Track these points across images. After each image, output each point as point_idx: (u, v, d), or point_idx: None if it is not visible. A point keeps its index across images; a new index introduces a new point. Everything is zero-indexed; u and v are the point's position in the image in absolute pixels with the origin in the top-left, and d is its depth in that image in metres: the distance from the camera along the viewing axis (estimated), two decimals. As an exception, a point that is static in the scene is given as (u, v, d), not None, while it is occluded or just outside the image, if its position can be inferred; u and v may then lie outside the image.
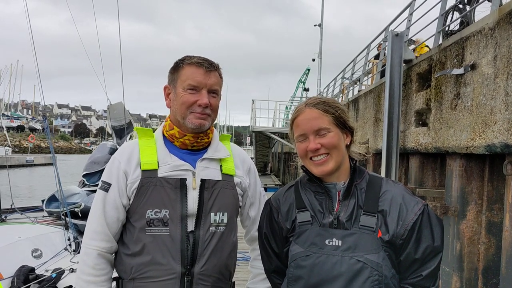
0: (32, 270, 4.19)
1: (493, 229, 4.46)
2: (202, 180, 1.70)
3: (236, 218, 1.84)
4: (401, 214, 1.42)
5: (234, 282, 1.86)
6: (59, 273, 4.19)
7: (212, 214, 1.70)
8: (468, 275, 4.54)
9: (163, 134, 1.79)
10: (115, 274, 1.75)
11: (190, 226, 1.67)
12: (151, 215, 1.64)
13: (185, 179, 1.68)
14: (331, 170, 1.48)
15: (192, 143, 1.75)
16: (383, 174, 6.05)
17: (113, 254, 1.75)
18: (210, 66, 1.70)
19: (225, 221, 1.73)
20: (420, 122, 5.94)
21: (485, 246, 4.50)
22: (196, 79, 1.67)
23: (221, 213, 1.72)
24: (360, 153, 1.58)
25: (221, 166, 1.78)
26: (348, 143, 1.54)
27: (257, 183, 1.95)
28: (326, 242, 1.43)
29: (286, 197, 1.59)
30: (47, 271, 4.33)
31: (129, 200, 1.69)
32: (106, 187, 1.70)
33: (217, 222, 1.71)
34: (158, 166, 1.68)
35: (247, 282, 1.94)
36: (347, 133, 1.54)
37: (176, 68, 1.73)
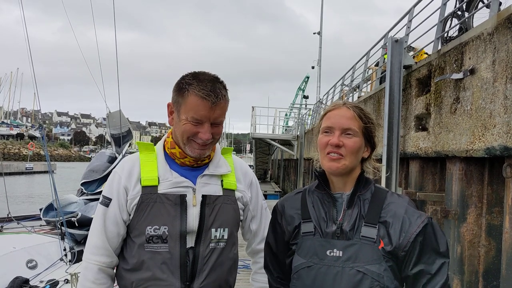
0: (26, 281, 4.14)
1: (493, 231, 4.47)
2: (203, 196, 1.69)
3: (236, 233, 1.83)
4: (403, 226, 1.43)
5: None
6: (53, 284, 4.14)
7: (213, 230, 1.69)
8: (469, 278, 4.55)
9: (164, 150, 1.76)
10: None
11: (190, 242, 1.66)
12: (150, 231, 1.64)
13: (185, 195, 1.67)
14: (340, 169, 1.47)
15: (192, 164, 1.74)
16: (383, 179, 6.07)
17: (114, 269, 1.75)
18: (215, 100, 1.61)
19: (225, 237, 1.72)
20: (420, 127, 5.97)
21: (486, 249, 4.51)
22: (200, 113, 1.61)
23: (222, 229, 1.71)
24: (372, 170, 1.58)
25: (222, 181, 1.77)
26: (366, 157, 1.56)
27: (259, 196, 1.93)
28: (327, 252, 1.44)
29: (293, 202, 1.60)
30: (41, 282, 4.28)
31: (129, 215, 1.69)
32: (107, 202, 1.70)
33: (218, 238, 1.70)
34: (159, 182, 1.67)
35: None
36: (368, 147, 1.56)
37: (181, 90, 1.65)
